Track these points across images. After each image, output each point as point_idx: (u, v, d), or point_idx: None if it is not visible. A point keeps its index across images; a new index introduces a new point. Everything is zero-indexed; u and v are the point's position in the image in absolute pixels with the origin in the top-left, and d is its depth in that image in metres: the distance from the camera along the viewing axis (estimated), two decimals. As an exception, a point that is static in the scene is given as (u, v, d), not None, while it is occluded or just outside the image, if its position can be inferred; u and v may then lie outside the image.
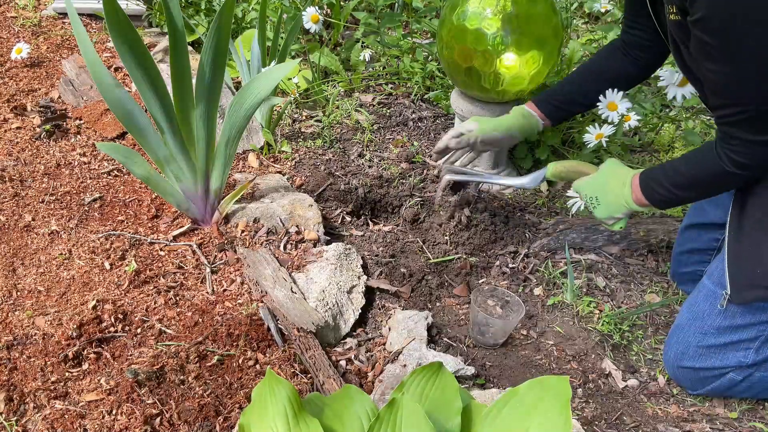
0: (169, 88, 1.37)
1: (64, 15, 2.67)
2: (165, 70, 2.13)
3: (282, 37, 2.05)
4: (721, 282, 1.19)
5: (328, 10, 2.42)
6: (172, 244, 1.52)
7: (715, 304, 1.20)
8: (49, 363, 1.21)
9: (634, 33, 1.34)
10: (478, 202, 1.72)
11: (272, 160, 1.91)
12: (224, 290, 1.41)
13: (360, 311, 1.41)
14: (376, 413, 0.90)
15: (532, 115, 1.48)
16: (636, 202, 1.23)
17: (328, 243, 1.55)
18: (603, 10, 2.02)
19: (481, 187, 1.81)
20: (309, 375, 1.23)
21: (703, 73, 1.04)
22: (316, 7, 1.95)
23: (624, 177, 1.24)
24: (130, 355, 1.24)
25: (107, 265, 1.45)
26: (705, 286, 1.23)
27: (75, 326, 1.27)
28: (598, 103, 1.44)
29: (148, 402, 1.13)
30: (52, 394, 1.15)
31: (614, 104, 1.43)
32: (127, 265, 1.44)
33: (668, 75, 1.38)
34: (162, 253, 1.50)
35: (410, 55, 2.22)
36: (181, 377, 1.19)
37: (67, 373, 1.19)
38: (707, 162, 1.10)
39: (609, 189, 1.26)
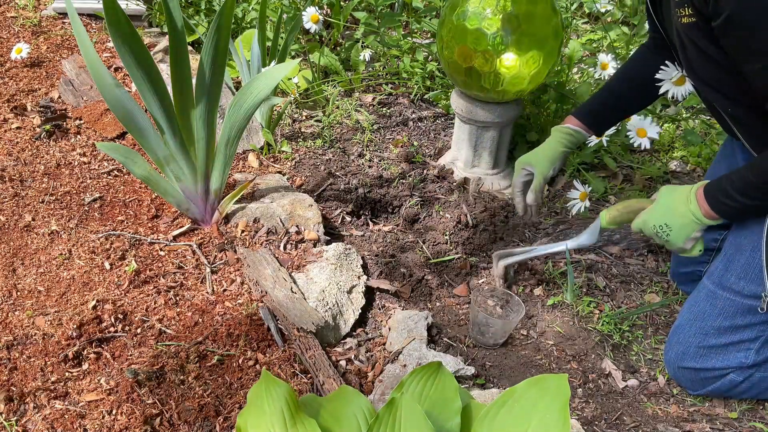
0: (169, 88, 1.37)
1: (64, 15, 2.67)
2: (165, 70, 2.13)
3: (282, 37, 2.05)
4: (721, 282, 1.19)
5: (328, 10, 2.42)
6: (172, 244, 1.52)
7: (715, 304, 1.20)
8: (49, 363, 1.21)
9: (658, 36, 1.31)
10: (477, 204, 1.71)
11: (272, 160, 1.91)
12: (224, 290, 1.41)
13: (360, 311, 1.41)
14: (374, 413, 0.90)
15: (577, 131, 1.44)
16: (706, 215, 1.15)
17: (328, 243, 1.55)
18: (603, 10, 2.02)
19: (481, 187, 1.81)
20: (309, 375, 1.23)
21: (751, 77, 1.00)
22: (316, 7, 1.95)
23: (686, 194, 1.17)
24: (130, 355, 1.24)
25: (107, 265, 1.45)
26: (705, 286, 1.23)
27: (75, 326, 1.27)
28: (638, 110, 1.41)
29: (148, 402, 1.13)
30: (52, 394, 1.15)
31: (643, 131, 1.41)
32: (127, 265, 1.44)
33: (668, 71, 1.34)
34: (162, 253, 1.50)
35: (410, 55, 2.22)
36: (181, 377, 1.19)
37: (67, 373, 1.19)
38: None
39: (675, 211, 1.18)
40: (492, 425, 0.83)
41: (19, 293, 1.37)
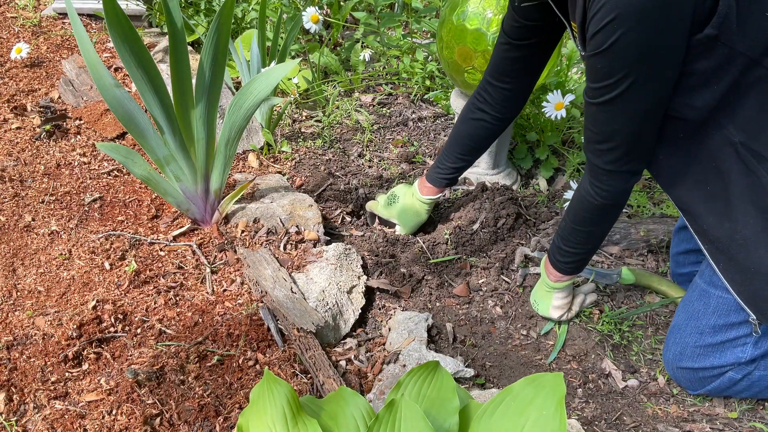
0: (169, 88, 1.37)
1: (64, 15, 2.67)
2: (165, 70, 2.13)
3: (282, 37, 2.05)
4: (712, 281, 1.19)
5: (328, 10, 2.42)
6: (172, 244, 1.52)
7: (708, 303, 1.20)
8: (49, 363, 1.21)
9: (497, 89, 1.39)
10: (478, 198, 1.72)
11: (272, 160, 1.91)
12: (224, 290, 1.41)
13: (360, 311, 1.41)
14: (372, 414, 0.90)
15: (435, 199, 1.60)
16: (551, 278, 1.34)
17: (328, 243, 1.55)
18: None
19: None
20: (309, 375, 1.23)
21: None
22: (316, 7, 1.95)
23: (541, 267, 1.40)
24: (130, 355, 1.24)
25: (107, 265, 1.45)
26: (698, 285, 1.23)
27: (75, 326, 1.27)
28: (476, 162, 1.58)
29: (148, 402, 1.13)
30: (52, 394, 1.15)
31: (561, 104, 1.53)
32: (127, 266, 1.44)
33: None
34: (162, 253, 1.50)
35: (410, 55, 2.22)
36: (181, 377, 1.19)
37: (67, 373, 1.19)
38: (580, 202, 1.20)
39: (538, 287, 1.42)
40: (489, 423, 0.83)
41: (19, 293, 1.37)
